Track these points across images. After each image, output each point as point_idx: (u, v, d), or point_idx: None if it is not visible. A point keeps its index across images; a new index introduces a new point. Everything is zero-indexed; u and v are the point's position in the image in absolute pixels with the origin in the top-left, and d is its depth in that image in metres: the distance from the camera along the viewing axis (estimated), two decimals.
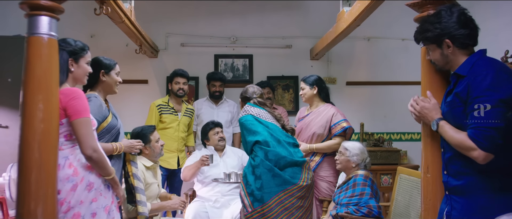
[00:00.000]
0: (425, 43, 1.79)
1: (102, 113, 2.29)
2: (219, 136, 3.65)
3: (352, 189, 2.78)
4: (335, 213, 2.74)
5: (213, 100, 4.27)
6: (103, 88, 2.40)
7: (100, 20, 3.38)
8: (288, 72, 4.74)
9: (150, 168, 2.96)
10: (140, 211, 2.59)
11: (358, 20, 3.14)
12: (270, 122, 2.67)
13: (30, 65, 1.73)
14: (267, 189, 2.36)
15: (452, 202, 1.71)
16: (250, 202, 2.43)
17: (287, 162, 2.44)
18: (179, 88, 3.90)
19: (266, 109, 2.78)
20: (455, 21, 1.67)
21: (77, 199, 1.85)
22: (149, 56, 4.54)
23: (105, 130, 2.32)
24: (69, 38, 2.08)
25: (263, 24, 4.74)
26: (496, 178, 1.60)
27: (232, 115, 4.30)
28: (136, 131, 2.97)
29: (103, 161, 1.92)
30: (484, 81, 1.56)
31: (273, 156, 2.46)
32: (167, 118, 3.81)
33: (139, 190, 2.59)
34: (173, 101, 3.94)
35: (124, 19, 3.09)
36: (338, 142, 3.20)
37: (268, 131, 2.60)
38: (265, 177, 2.38)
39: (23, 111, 1.72)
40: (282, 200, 2.33)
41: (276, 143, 2.56)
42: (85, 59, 2.07)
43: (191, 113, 4.04)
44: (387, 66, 4.73)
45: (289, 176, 2.37)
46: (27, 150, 1.71)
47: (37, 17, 1.74)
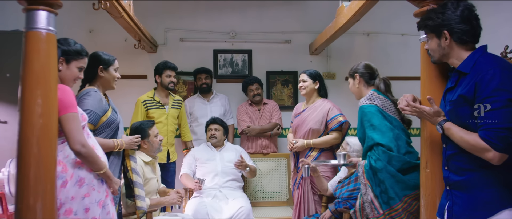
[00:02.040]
0: (425, 30, 1.79)
1: (102, 107, 2.29)
2: (210, 134, 3.71)
3: (354, 183, 2.78)
4: (334, 208, 2.75)
5: (203, 96, 4.28)
6: (102, 84, 2.40)
7: (98, 15, 3.36)
8: (288, 67, 4.74)
9: (149, 163, 2.96)
10: (138, 206, 2.59)
11: (358, 15, 3.13)
12: (394, 118, 2.41)
13: (28, 60, 1.72)
14: (392, 193, 2.20)
15: (453, 197, 1.71)
16: (379, 204, 2.25)
17: (410, 166, 2.25)
18: (170, 81, 3.77)
19: (389, 98, 2.49)
20: (458, 15, 1.67)
21: (67, 196, 1.85)
22: (148, 51, 4.53)
23: (105, 124, 2.31)
24: (71, 39, 2.06)
25: (262, 19, 4.72)
26: (500, 173, 1.59)
27: (225, 108, 4.33)
28: (135, 125, 2.97)
29: (92, 156, 1.91)
30: (493, 80, 1.55)
31: (396, 161, 2.24)
32: (154, 113, 3.70)
33: (138, 185, 2.59)
34: (160, 95, 3.80)
35: (122, 14, 3.08)
36: (335, 137, 3.20)
37: (392, 130, 2.33)
38: (389, 182, 2.21)
39: (21, 106, 1.72)
40: (408, 204, 2.20)
41: (400, 144, 2.31)
42: (78, 63, 2.04)
43: (179, 104, 3.94)
44: (387, 61, 4.72)
45: (413, 180, 2.19)
46: (26, 145, 1.70)
47: (35, 12, 1.73)
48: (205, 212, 3.29)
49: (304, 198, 3.24)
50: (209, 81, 4.28)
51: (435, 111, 1.73)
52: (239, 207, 3.31)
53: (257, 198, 3.97)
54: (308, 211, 3.20)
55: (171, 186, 3.77)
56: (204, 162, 3.68)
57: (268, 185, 4.02)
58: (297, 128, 3.33)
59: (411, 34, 4.56)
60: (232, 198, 3.46)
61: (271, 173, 4.06)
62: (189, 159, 3.74)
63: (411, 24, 1.96)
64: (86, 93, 2.27)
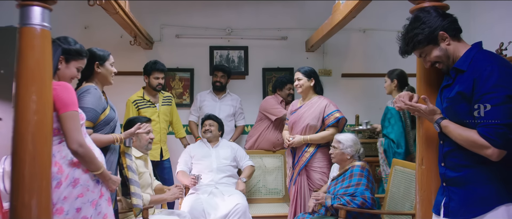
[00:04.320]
0: (418, 48, 1.75)
1: (101, 105, 2.28)
2: (205, 128, 3.72)
3: (349, 179, 2.79)
4: (330, 204, 2.75)
5: (215, 93, 4.26)
6: (99, 80, 2.39)
7: (94, 11, 3.34)
8: (284, 64, 4.73)
9: (141, 157, 2.96)
10: (134, 203, 2.58)
11: (354, 11, 3.13)
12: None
13: (22, 57, 1.71)
14: None
15: (450, 193, 1.71)
16: None
17: None
18: (158, 83, 3.72)
19: None
20: (435, 15, 1.70)
21: (59, 196, 1.84)
22: (144, 47, 4.51)
23: (103, 122, 2.30)
24: (71, 38, 2.05)
25: (258, 16, 4.71)
26: (496, 169, 1.60)
27: (234, 109, 4.28)
28: (130, 119, 2.99)
29: (89, 156, 1.90)
30: (491, 77, 1.55)
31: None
32: (146, 112, 3.68)
33: (133, 182, 2.58)
34: (149, 93, 3.78)
35: (118, 10, 3.06)
36: (332, 133, 3.21)
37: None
38: None
39: (16, 102, 1.71)
40: None
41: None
42: (77, 64, 2.04)
43: (169, 101, 3.92)
44: (383, 58, 4.73)
45: None
46: (20, 142, 1.69)
47: (29, 8, 1.72)
48: (201, 209, 3.29)
49: (301, 195, 3.25)
50: (224, 80, 4.22)
51: (430, 109, 1.73)
52: (235, 204, 3.31)
53: (253, 194, 3.98)
54: (305, 208, 3.21)
55: (169, 183, 3.75)
56: (199, 159, 3.69)
57: (264, 182, 4.03)
58: (293, 124, 3.34)
59: None
60: (228, 194, 3.46)
61: (268, 170, 4.06)
62: (185, 156, 3.74)
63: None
64: (86, 90, 2.25)
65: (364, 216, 2.73)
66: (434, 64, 1.77)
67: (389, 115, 3.42)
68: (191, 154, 3.74)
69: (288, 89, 4.09)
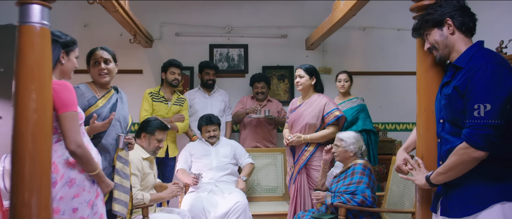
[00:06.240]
0: (424, 27, 1.78)
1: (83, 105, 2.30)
2: (209, 135, 3.71)
3: (351, 177, 2.79)
4: (330, 202, 2.75)
5: (205, 90, 4.28)
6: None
7: (93, 9, 3.34)
8: (284, 62, 4.73)
9: (147, 159, 2.96)
10: (114, 210, 2.34)
11: (354, 9, 3.13)
12: None
13: (22, 55, 1.70)
14: None
15: (447, 192, 1.72)
16: None
17: None
18: (174, 78, 3.93)
19: None
20: (454, 4, 1.72)
21: (55, 196, 1.84)
22: (144, 45, 4.50)
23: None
24: (57, 31, 2.00)
25: (258, 14, 4.71)
26: (492, 168, 1.60)
27: (225, 104, 4.34)
28: (149, 119, 3.09)
29: (87, 157, 1.90)
30: (484, 76, 1.54)
31: None
32: (157, 106, 3.85)
33: (118, 187, 2.37)
34: (165, 91, 3.96)
35: (118, 8, 3.06)
36: (332, 131, 3.20)
37: None
38: None
39: (15, 101, 1.70)
40: None
41: None
42: (74, 53, 2.05)
43: (181, 102, 4.04)
44: (383, 56, 4.73)
45: None
46: (20, 141, 1.69)
47: (28, 6, 1.71)
48: (201, 207, 3.30)
49: (301, 193, 3.25)
50: (215, 77, 4.30)
51: (421, 171, 1.83)
52: (235, 202, 3.31)
53: (253, 193, 3.98)
54: (304, 206, 3.21)
55: (168, 180, 3.77)
56: (199, 157, 3.69)
57: (264, 180, 4.03)
58: (293, 123, 3.33)
59: (407, 29, 4.55)
60: (228, 192, 3.47)
61: (268, 168, 4.06)
62: (185, 155, 3.74)
63: (407, 18, 1.95)
64: (75, 91, 2.24)
65: (364, 214, 2.73)
66: (431, 50, 1.80)
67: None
68: (191, 152, 3.74)
69: (255, 87, 4.31)
